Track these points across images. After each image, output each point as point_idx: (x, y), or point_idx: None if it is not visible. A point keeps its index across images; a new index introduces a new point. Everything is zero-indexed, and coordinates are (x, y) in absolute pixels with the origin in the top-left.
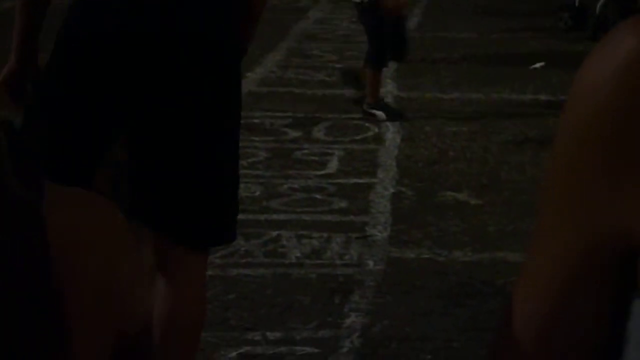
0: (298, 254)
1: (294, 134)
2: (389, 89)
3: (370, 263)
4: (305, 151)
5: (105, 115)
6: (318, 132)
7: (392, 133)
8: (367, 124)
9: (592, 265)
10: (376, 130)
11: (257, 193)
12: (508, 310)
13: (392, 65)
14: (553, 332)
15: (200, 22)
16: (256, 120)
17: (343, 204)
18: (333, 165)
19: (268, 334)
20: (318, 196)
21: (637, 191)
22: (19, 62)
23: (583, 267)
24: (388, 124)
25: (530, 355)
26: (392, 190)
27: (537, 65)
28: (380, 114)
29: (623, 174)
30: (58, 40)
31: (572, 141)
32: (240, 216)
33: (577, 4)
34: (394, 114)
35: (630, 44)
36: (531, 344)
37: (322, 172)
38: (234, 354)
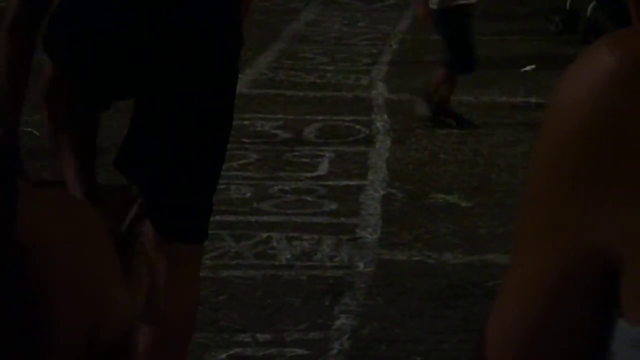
0: (288, 256)
1: (284, 135)
2: (379, 91)
3: (361, 265)
4: (296, 153)
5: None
6: (309, 134)
7: (382, 135)
8: (357, 126)
9: (573, 282)
10: (367, 132)
11: (248, 195)
12: (494, 312)
13: (383, 68)
14: (542, 334)
15: (201, 17)
16: (247, 122)
17: (333, 206)
18: (324, 167)
19: (258, 335)
20: (308, 198)
21: (615, 211)
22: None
23: (564, 283)
24: (378, 125)
25: (518, 357)
26: (382, 192)
27: (528, 68)
28: (450, 121)
29: (601, 193)
30: (54, 35)
31: (550, 159)
32: (231, 217)
33: (568, 7)
34: (463, 122)
35: (607, 63)
36: (519, 346)
37: (313, 174)
38: (223, 355)
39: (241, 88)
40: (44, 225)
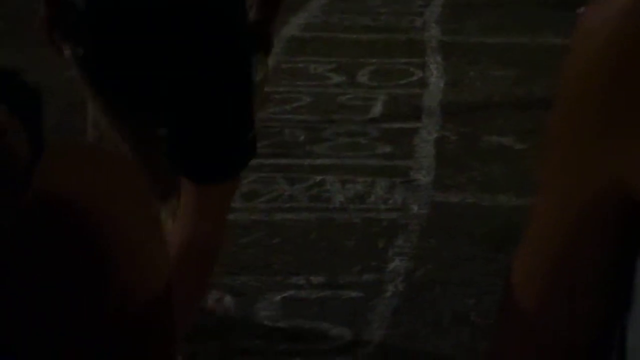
0: (342, 199)
1: (337, 78)
2: (432, 34)
3: (414, 207)
4: (349, 96)
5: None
6: (362, 77)
7: (436, 77)
8: (411, 69)
9: (594, 216)
10: (420, 74)
11: (301, 138)
12: (520, 247)
13: (436, 9)
14: (564, 268)
15: None
16: (300, 65)
17: (387, 149)
18: (377, 110)
19: (312, 278)
20: (362, 141)
21: (633, 143)
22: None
23: (585, 217)
24: (432, 68)
25: (539, 296)
26: (435, 134)
27: (583, 9)
28: None
29: (621, 124)
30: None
31: (571, 90)
32: (284, 160)
33: None
34: None
35: None
36: (543, 278)
37: (366, 117)
38: (278, 297)
39: (294, 31)
40: (77, 179)
